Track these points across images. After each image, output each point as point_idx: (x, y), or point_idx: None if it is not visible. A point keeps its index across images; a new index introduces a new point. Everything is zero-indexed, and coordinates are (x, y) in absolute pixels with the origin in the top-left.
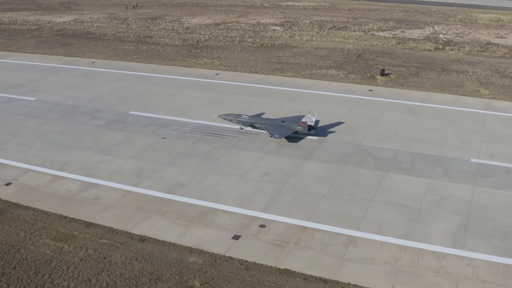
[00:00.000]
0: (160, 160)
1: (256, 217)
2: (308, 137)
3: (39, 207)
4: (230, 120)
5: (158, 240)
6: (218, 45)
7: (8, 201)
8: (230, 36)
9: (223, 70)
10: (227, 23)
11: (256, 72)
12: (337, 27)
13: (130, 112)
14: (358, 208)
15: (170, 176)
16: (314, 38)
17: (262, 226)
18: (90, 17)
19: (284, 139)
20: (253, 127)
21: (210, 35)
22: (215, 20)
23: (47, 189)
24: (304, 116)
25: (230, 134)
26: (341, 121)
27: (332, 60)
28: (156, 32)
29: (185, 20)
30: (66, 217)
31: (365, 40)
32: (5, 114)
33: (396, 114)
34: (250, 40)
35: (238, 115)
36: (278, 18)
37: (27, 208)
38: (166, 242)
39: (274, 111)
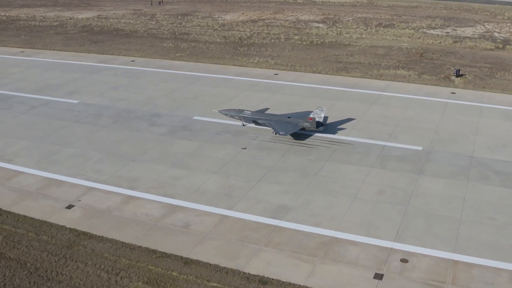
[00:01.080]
0: (250, 176)
1: (392, 248)
2: (408, 146)
3: (117, 238)
4: (232, 116)
5: (283, 282)
6: (264, 43)
7: (75, 230)
8: (274, 34)
9: (281, 70)
10: (264, 19)
11: (319, 72)
12: (383, 24)
13: (194, 117)
14: (506, 235)
15: (269, 196)
16: (363, 36)
17: (404, 260)
18: (114, 13)
19: (289, 137)
20: (256, 123)
21: (251, 32)
22: (250, 17)
23: (121, 214)
24: (312, 112)
25: (320, 143)
26: (438, 128)
27: (395, 60)
28: (191, 29)
29: (218, 17)
30: (155, 252)
31: (419, 38)
32: (48, 119)
33: (494, 120)
34: (296, 37)
35: (240, 111)
36: (317, 14)
37: (101, 239)
38: (294, 284)
39: (359, 116)
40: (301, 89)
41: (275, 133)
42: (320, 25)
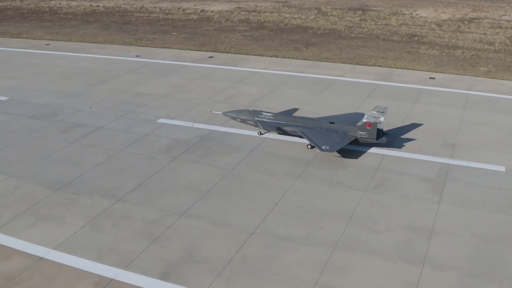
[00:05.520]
0: None
1: None
2: None
3: None
4: (243, 120)
5: None
6: None
7: None
8: None
9: None
10: (479, 19)
11: None
12: None
13: None
14: None
15: None
16: None
17: None
18: (256, 5)
19: (336, 153)
20: (282, 131)
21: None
22: (453, 15)
23: None
24: (364, 115)
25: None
26: None
27: None
28: (416, 30)
29: (410, 14)
30: None
31: None
32: None
33: None
34: None
35: (256, 112)
36: None
37: None
38: None
39: None
40: None
41: (311, 147)
42: None
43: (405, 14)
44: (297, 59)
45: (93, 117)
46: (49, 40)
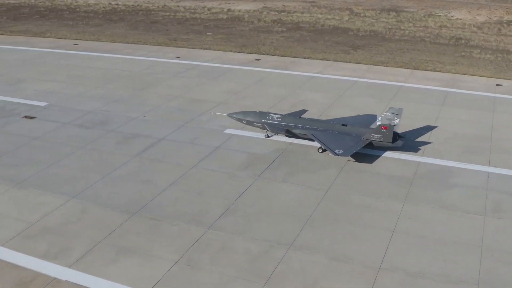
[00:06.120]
0: None
1: None
2: None
3: None
4: (249, 122)
5: None
6: None
7: None
8: None
9: None
10: None
11: None
12: None
13: None
14: None
15: None
16: None
17: None
18: (283, 5)
19: (350, 158)
20: (291, 134)
21: None
22: (490, 17)
23: None
24: (377, 116)
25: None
26: None
27: None
28: (458, 33)
29: (450, 15)
30: None
31: None
32: None
33: None
34: None
35: (263, 114)
36: None
37: None
38: None
39: None
40: None
41: (322, 151)
42: None
43: (440, 15)
44: (349, 62)
45: (150, 126)
46: (76, 39)
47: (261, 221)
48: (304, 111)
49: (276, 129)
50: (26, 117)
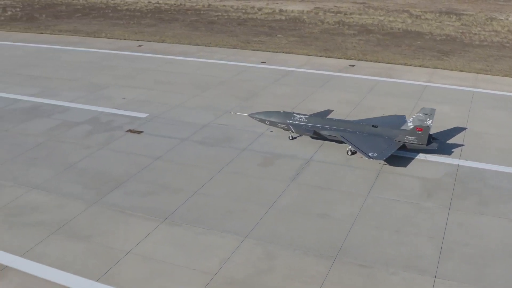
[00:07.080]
0: None
1: None
2: None
3: None
4: (272, 123)
5: None
6: None
7: None
8: None
9: None
10: None
11: None
12: None
13: None
14: None
15: None
16: None
17: None
18: (335, 5)
19: (382, 162)
20: (318, 135)
21: None
22: None
23: None
24: (407, 118)
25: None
26: None
27: None
28: None
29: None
30: None
31: None
32: None
33: None
34: None
35: (288, 114)
36: None
37: None
38: None
39: None
40: None
41: (351, 153)
42: None
43: (501, 19)
44: (450, 70)
45: (285, 143)
46: (137, 40)
47: (490, 266)
48: (329, 111)
49: (302, 130)
50: (130, 131)
